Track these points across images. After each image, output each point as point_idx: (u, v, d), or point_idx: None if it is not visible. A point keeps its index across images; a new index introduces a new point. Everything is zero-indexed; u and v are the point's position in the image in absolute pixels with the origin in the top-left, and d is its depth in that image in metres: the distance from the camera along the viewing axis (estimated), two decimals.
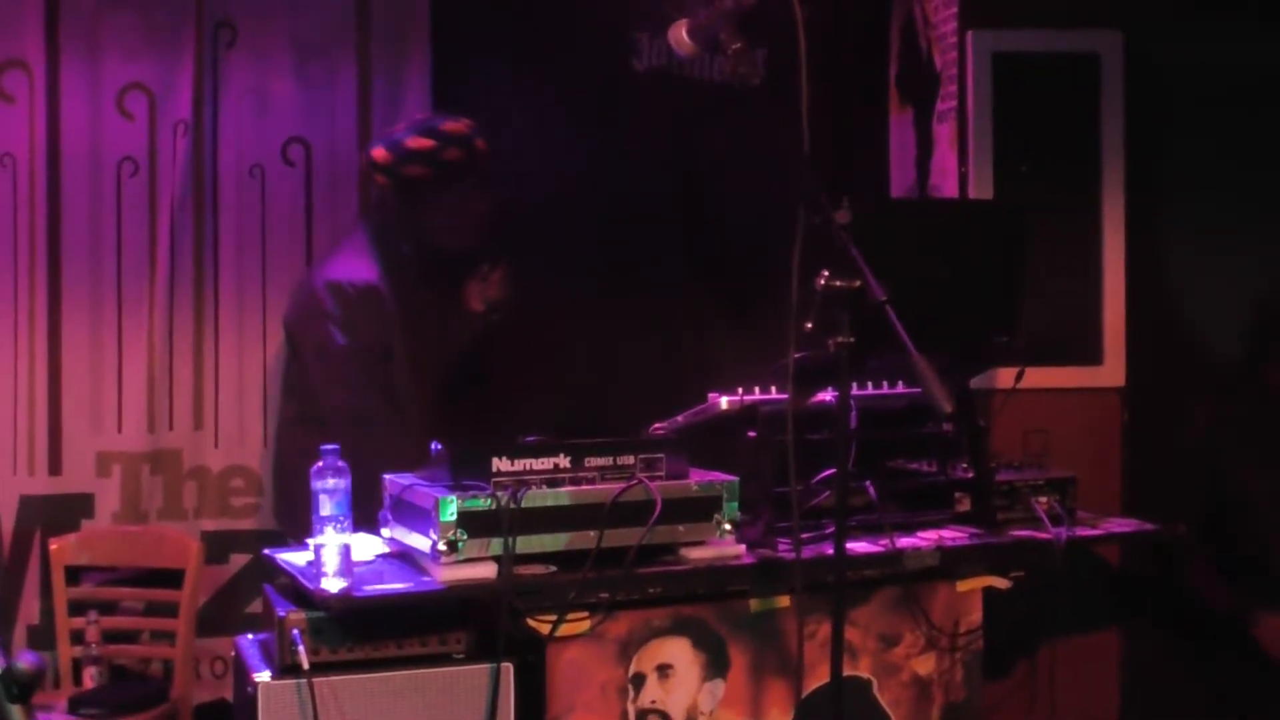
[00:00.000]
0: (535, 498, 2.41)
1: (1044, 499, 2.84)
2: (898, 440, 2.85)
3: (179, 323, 3.73)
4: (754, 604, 2.57)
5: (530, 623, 2.41)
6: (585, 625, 2.45)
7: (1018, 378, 2.90)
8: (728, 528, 2.52)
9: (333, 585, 2.32)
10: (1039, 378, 3.14)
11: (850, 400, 2.28)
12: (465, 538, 2.35)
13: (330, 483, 2.40)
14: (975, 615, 2.75)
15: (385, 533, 2.63)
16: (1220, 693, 3.34)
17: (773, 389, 2.69)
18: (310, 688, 2.30)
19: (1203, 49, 3.65)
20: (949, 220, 3.01)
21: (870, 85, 4.03)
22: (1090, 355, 3.60)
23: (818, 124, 2.28)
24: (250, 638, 2.58)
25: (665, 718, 2.52)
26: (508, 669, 2.40)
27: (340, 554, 2.34)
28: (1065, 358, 3.56)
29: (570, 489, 2.44)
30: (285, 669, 2.34)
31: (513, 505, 2.37)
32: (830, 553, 2.32)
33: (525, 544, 2.39)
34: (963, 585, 2.73)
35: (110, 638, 3.59)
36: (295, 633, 2.33)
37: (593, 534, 2.42)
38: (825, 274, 2.22)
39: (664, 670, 2.53)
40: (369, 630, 2.37)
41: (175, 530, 3.69)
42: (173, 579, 3.56)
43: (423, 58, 3.79)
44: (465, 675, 2.40)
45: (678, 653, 2.53)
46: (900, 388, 2.81)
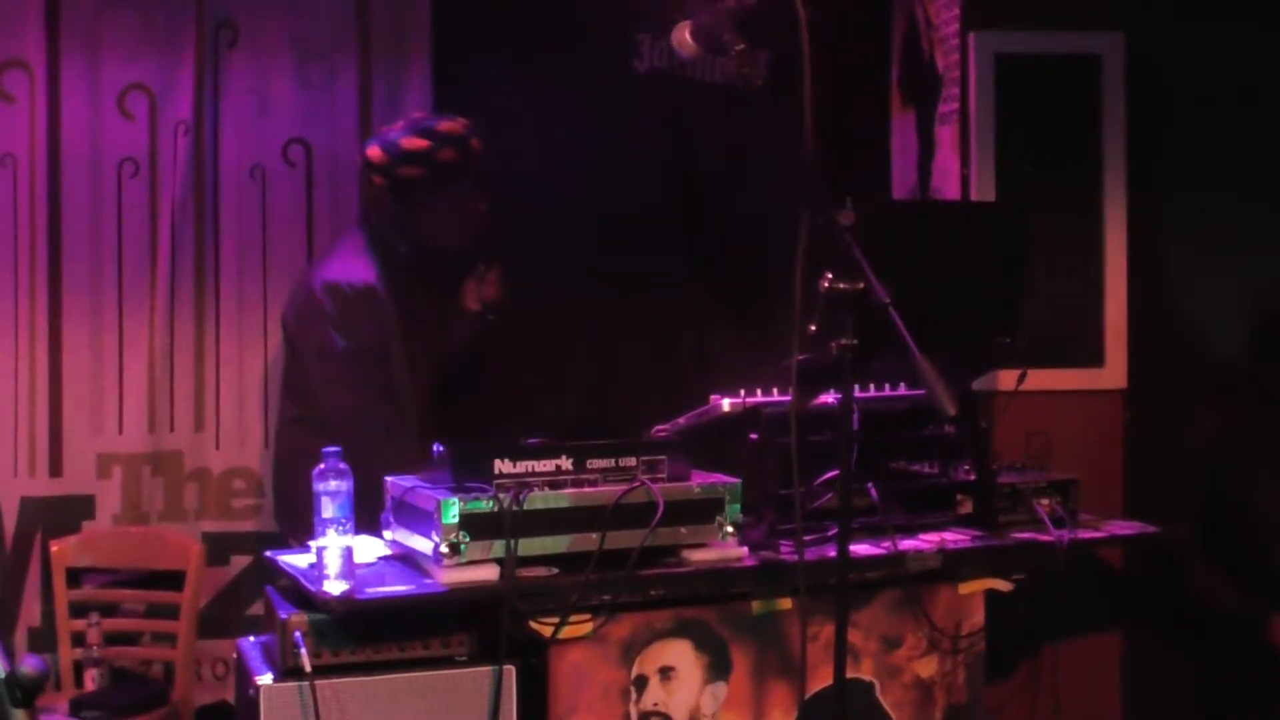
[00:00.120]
0: (537, 500, 2.41)
1: (1046, 501, 2.84)
2: (900, 442, 2.85)
3: (179, 324, 3.72)
4: (756, 606, 2.57)
5: (532, 625, 2.41)
6: (587, 628, 2.44)
7: (1020, 379, 2.90)
8: (730, 530, 2.52)
9: (335, 588, 2.32)
10: (1041, 379, 3.14)
11: (852, 402, 2.27)
12: (467, 540, 2.35)
13: (332, 485, 2.40)
14: (977, 617, 2.75)
15: (387, 535, 2.63)
16: (1221, 694, 3.34)
17: (774, 391, 2.69)
18: (312, 690, 2.30)
19: (1204, 50, 3.64)
20: (951, 222, 3.01)
21: (872, 87, 4.03)
22: (1092, 357, 3.59)
23: (820, 125, 2.28)
24: (252, 640, 2.58)
25: None
26: (510, 671, 2.40)
27: (342, 556, 2.34)
28: (1067, 359, 3.56)
29: (572, 491, 2.44)
30: (287, 671, 2.34)
31: (515, 507, 2.37)
32: (832, 555, 2.32)
33: (527, 546, 2.39)
34: (965, 587, 2.72)
35: (111, 640, 3.58)
36: (297, 635, 2.32)
37: (595, 536, 2.42)
38: (828, 276, 2.22)
39: (666, 673, 2.52)
40: (371, 633, 2.37)
41: (176, 532, 3.68)
42: (174, 581, 3.55)
43: (423, 59, 3.79)
44: (467, 678, 2.40)
45: (680, 655, 2.53)
46: (902, 390, 2.81)
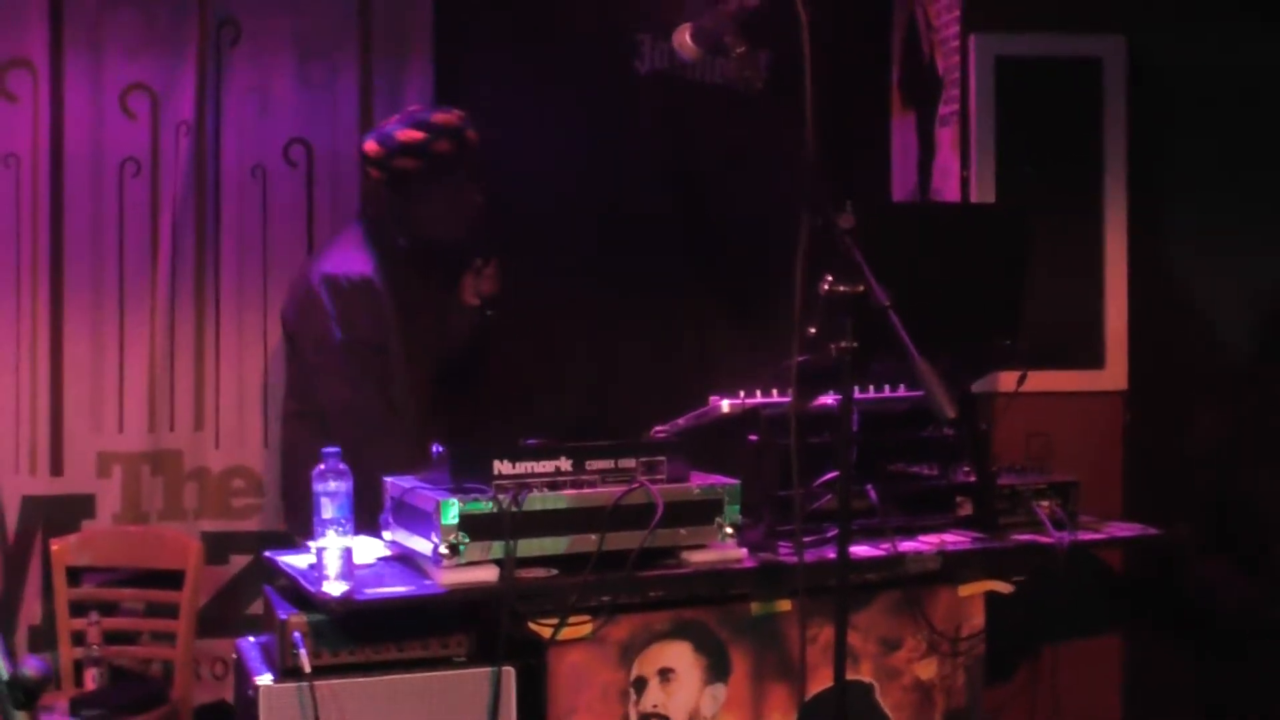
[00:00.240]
0: (536, 501, 2.41)
1: (1046, 503, 2.84)
2: (899, 444, 2.84)
3: (180, 323, 3.72)
4: (755, 608, 2.57)
5: (531, 626, 2.41)
6: (587, 629, 2.44)
7: (1020, 381, 2.90)
8: (729, 531, 2.52)
9: (334, 588, 2.32)
10: (1041, 381, 3.13)
11: (852, 404, 2.27)
12: (467, 541, 2.35)
13: (332, 485, 2.40)
14: (977, 619, 2.74)
15: (386, 535, 2.63)
16: (1221, 694, 3.34)
17: (774, 392, 2.69)
18: (311, 691, 2.29)
19: (1205, 52, 3.64)
20: (951, 224, 3.01)
21: (872, 88, 4.03)
22: (1092, 359, 3.59)
23: (820, 127, 2.28)
24: (251, 640, 2.58)
25: None
26: (509, 673, 2.40)
27: (342, 557, 2.34)
28: (1067, 361, 3.56)
29: (571, 492, 2.44)
30: (287, 672, 2.33)
31: (514, 508, 2.37)
32: (832, 556, 2.32)
33: (526, 547, 2.39)
34: (964, 589, 2.72)
35: (111, 638, 3.58)
36: (297, 635, 2.32)
37: (594, 537, 2.41)
38: (829, 278, 2.22)
39: (665, 674, 2.52)
40: (370, 633, 2.37)
41: (175, 531, 3.68)
42: (173, 580, 3.56)
43: (424, 59, 3.79)
44: (466, 679, 2.39)
45: (679, 657, 2.53)
46: (902, 391, 2.81)
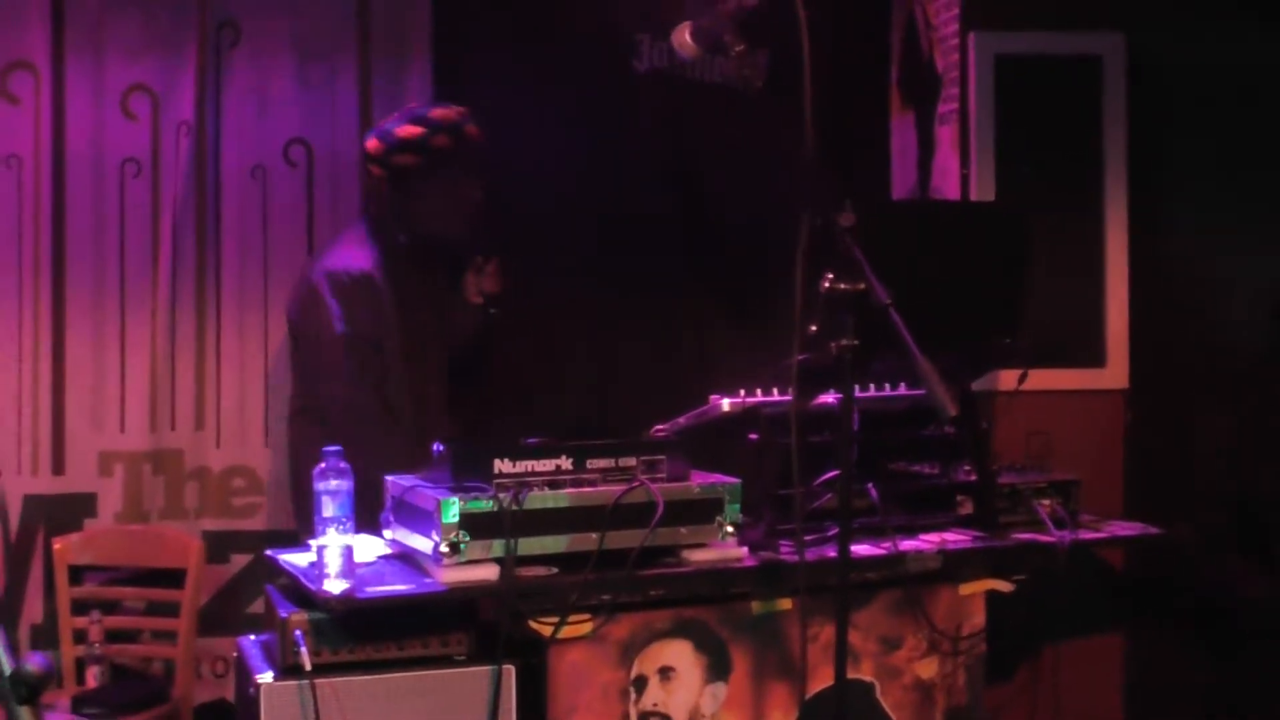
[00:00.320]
0: (537, 499, 2.41)
1: (1047, 501, 2.84)
2: (900, 442, 2.84)
3: (181, 323, 3.73)
4: (756, 606, 2.57)
5: (532, 625, 2.42)
6: (587, 627, 2.45)
7: (1021, 380, 2.90)
8: (729, 530, 2.52)
9: (335, 586, 2.32)
10: (1042, 380, 3.13)
11: (853, 402, 2.27)
12: (467, 539, 2.35)
13: (333, 484, 2.41)
14: (978, 618, 2.74)
15: (387, 534, 2.63)
16: (1223, 695, 3.34)
17: (774, 391, 2.69)
18: (312, 689, 2.30)
19: (1205, 50, 3.64)
20: (951, 222, 3.01)
21: (872, 87, 4.03)
22: (1093, 357, 3.59)
23: (819, 126, 2.28)
24: (252, 638, 2.59)
25: None
26: (509, 671, 2.40)
27: (342, 555, 2.34)
28: (1068, 360, 3.56)
29: (572, 491, 2.44)
30: (287, 670, 2.34)
31: (515, 507, 2.37)
32: (832, 555, 2.32)
33: (527, 546, 2.39)
34: (965, 588, 2.72)
35: (112, 637, 3.59)
36: (298, 634, 2.33)
37: (594, 536, 2.42)
38: (829, 276, 2.22)
39: (666, 673, 2.52)
40: (371, 632, 2.37)
41: (176, 530, 3.69)
42: (174, 579, 3.56)
43: (424, 59, 3.79)
44: (467, 677, 2.40)
45: (679, 655, 2.53)
46: (902, 390, 2.81)
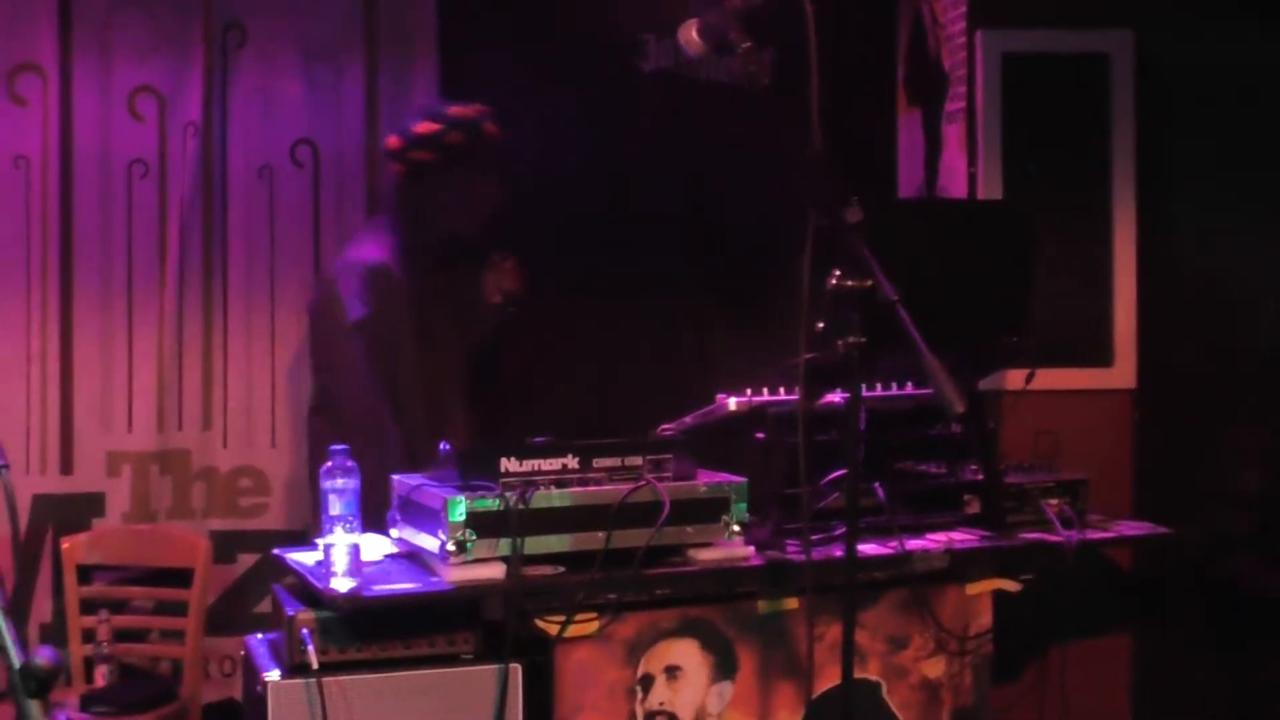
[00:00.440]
0: (543, 498, 2.41)
1: (1054, 501, 2.83)
2: (907, 442, 2.84)
3: (188, 323, 3.74)
4: (762, 606, 2.57)
5: (538, 623, 2.42)
6: (593, 626, 2.45)
7: (1028, 379, 2.89)
8: (736, 529, 2.52)
9: (342, 585, 2.32)
10: (1049, 379, 3.13)
11: (860, 401, 2.27)
12: (474, 538, 2.35)
13: (339, 482, 2.41)
14: (985, 618, 2.74)
15: (394, 533, 2.63)
16: (1230, 695, 3.33)
17: (781, 390, 2.68)
18: (319, 687, 2.30)
19: (1213, 48, 3.62)
20: (957, 221, 3.01)
21: (878, 85, 4.02)
22: (1101, 356, 3.58)
23: (826, 124, 2.27)
24: (259, 637, 2.59)
25: (673, 719, 2.52)
26: (516, 670, 2.40)
27: (349, 554, 2.34)
28: (1076, 359, 3.55)
29: (578, 490, 2.44)
30: (294, 668, 2.34)
31: (521, 506, 2.37)
32: (839, 554, 2.32)
33: (533, 545, 2.39)
34: (972, 588, 2.72)
35: (120, 636, 3.59)
36: (305, 632, 2.33)
37: (601, 535, 2.42)
38: (836, 273, 2.22)
39: (672, 672, 2.52)
40: (378, 630, 2.38)
41: (184, 530, 3.69)
42: (182, 578, 3.57)
43: (430, 59, 3.80)
44: (473, 676, 2.40)
45: (686, 654, 2.53)
46: (909, 389, 2.81)
